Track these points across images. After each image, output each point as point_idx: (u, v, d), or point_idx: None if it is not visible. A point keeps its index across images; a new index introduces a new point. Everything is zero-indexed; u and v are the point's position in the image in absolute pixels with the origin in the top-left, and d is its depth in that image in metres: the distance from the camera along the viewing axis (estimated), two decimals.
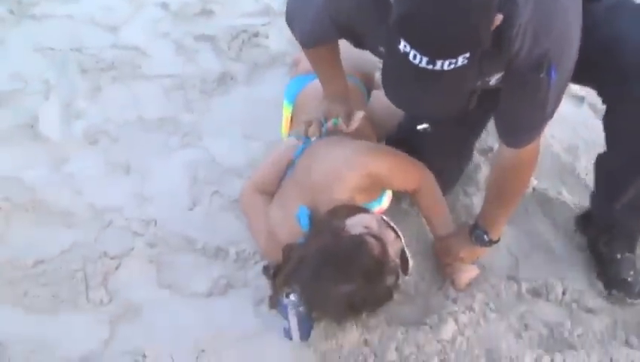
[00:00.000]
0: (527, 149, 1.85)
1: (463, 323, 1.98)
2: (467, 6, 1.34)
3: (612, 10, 1.91)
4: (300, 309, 1.88)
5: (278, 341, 2.00)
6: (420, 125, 2.05)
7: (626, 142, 1.96)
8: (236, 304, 2.13)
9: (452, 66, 1.37)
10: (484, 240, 2.07)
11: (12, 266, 2.22)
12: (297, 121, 2.35)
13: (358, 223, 1.92)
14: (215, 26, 3.32)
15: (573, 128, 2.61)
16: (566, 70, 1.68)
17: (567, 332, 1.98)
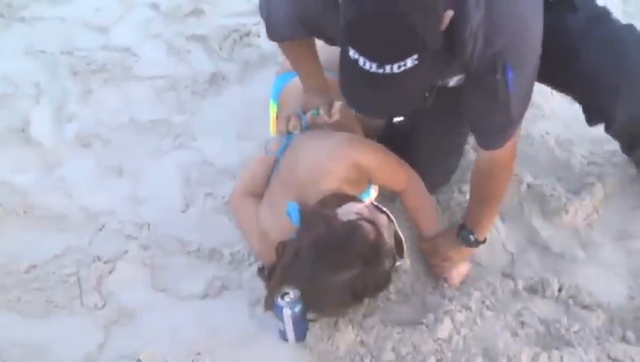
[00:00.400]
0: (501, 152, 1.87)
1: (460, 321, 1.97)
2: (408, 10, 1.37)
3: (589, 25, 1.98)
4: (296, 310, 1.87)
5: (274, 342, 1.99)
6: (396, 118, 2.12)
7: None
8: (231, 306, 2.12)
9: (402, 68, 1.39)
10: (470, 240, 2.08)
11: (5, 272, 2.22)
12: (280, 117, 2.34)
13: (349, 211, 1.92)
14: (206, 26, 3.31)
15: (566, 124, 2.60)
16: (526, 69, 1.69)
17: (563, 329, 1.97)
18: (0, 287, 2.17)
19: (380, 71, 1.40)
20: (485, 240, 2.11)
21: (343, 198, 1.98)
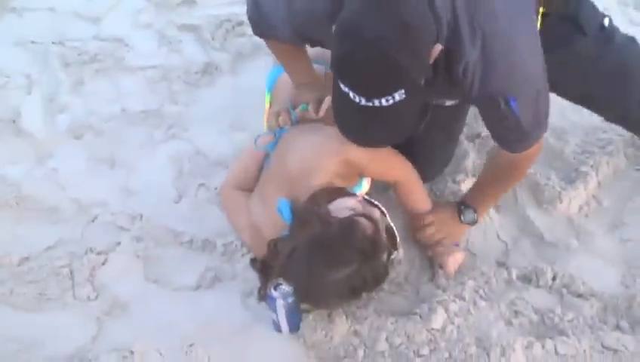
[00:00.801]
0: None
1: (453, 311, 1.96)
2: (394, 49, 1.46)
3: (597, 48, 2.05)
4: (289, 301, 1.87)
5: (267, 333, 1.99)
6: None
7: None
8: (224, 297, 2.11)
9: (390, 102, 1.49)
10: (474, 220, 2.14)
11: None
12: (270, 112, 2.32)
13: (343, 207, 1.91)
14: (198, 16, 3.28)
15: (561, 111, 2.58)
16: (530, 95, 1.75)
17: (557, 318, 1.97)
18: None
19: (369, 104, 1.50)
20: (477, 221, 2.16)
21: (333, 193, 1.96)
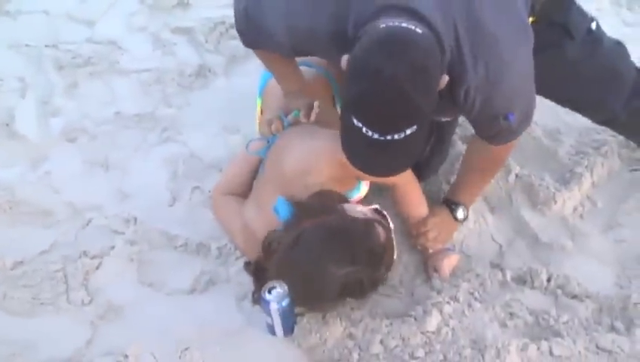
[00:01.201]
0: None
1: (448, 313, 1.96)
2: (411, 90, 1.52)
3: (585, 52, 2.11)
4: (283, 304, 1.86)
5: (262, 337, 1.98)
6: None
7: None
8: (219, 300, 2.11)
9: (402, 136, 1.54)
10: (466, 215, 2.22)
11: None
12: (263, 118, 2.31)
13: (357, 210, 1.94)
14: (192, 18, 3.29)
15: (555, 113, 2.58)
16: (525, 109, 1.88)
17: (552, 319, 1.96)
18: None
19: (382, 138, 1.54)
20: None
21: (338, 197, 1.99)
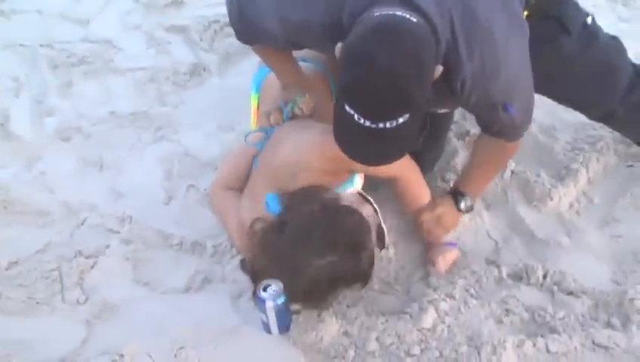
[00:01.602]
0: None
1: (444, 310, 1.96)
2: (404, 79, 1.51)
3: (582, 48, 2.08)
4: (278, 302, 1.86)
5: (258, 335, 1.97)
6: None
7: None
8: (214, 299, 2.10)
9: (394, 124, 1.52)
10: (472, 206, 2.17)
11: None
12: (261, 112, 2.31)
13: (337, 195, 1.94)
14: (186, 17, 3.29)
15: (549, 109, 2.58)
16: (523, 101, 1.86)
17: (548, 315, 1.96)
18: None
19: (374, 126, 1.52)
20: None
21: (329, 189, 1.97)
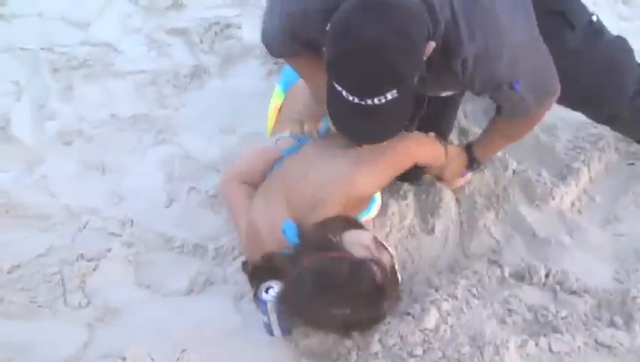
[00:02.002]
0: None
1: (446, 311, 1.95)
2: (390, 52, 1.52)
3: (586, 44, 2.09)
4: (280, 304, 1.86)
5: (260, 337, 1.97)
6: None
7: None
8: (216, 301, 2.10)
9: (383, 101, 1.54)
10: (479, 167, 2.32)
11: None
12: (286, 115, 2.30)
13: (357, 241, 1.88)
14: (186, 19, 3.29)
15: (551, 108, 2.58)
16: (530, 75, 1.83)
17: (551, 315, 1.95)
18: None
19: (362, 102, 1.55)
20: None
21: (347, 222, 1.95)
